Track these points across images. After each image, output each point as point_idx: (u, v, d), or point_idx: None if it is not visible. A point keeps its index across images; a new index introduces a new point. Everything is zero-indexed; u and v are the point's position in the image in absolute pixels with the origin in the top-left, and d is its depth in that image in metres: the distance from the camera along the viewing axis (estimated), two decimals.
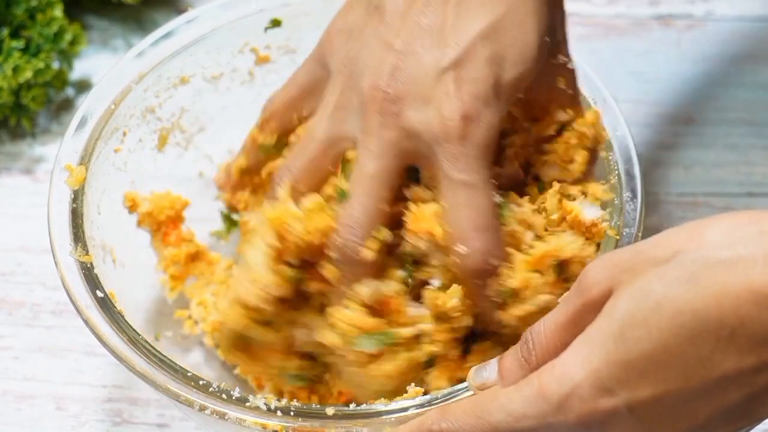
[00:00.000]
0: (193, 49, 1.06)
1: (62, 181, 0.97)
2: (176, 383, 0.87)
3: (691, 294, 0.69)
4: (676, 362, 0.70)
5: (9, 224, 1.18)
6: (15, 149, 1.24)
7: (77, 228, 0.95)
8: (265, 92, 1.11)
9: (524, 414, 0.74)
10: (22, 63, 1.19)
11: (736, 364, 0.69)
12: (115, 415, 1.05)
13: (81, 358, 1.08)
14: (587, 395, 0.72)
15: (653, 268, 0.71)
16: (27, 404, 1.06)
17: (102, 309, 0.91)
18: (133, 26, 1.33)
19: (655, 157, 1.21)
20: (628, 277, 0.72)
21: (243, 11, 1.07)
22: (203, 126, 1.11)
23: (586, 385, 0.72)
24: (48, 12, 1.22)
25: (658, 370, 0.70)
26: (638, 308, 0.70)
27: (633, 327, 0.70)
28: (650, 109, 1.25)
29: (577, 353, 0.73)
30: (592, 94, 1.00)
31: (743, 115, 1.24)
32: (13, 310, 1.12)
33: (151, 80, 1.04)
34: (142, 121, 1.05)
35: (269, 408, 0.85)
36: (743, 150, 1.22)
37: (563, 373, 0.73)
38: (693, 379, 0.70)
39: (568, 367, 0.73)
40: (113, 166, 1.03)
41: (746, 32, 1.31)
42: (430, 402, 0.85)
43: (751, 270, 0.67)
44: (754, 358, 0.68)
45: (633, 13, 1.33)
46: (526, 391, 0.74)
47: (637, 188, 0.95)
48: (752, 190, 1.19)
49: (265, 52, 1.10)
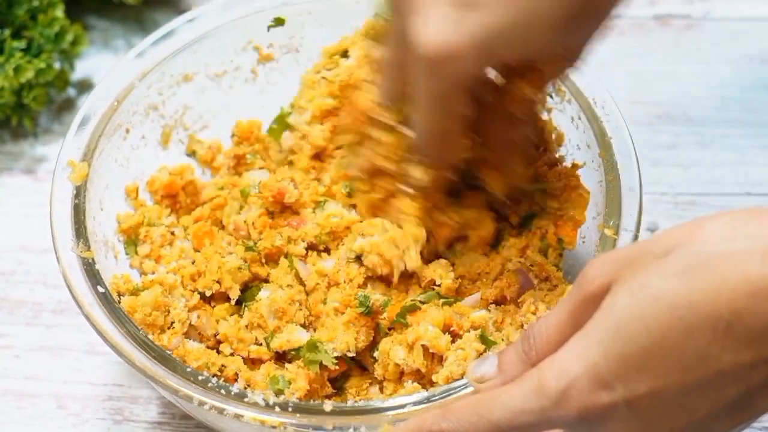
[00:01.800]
0: (196, 46, 1.07)
1: (65, 178, 0.97)
2: (175, 378, 0.87)
3: (688, 287, 0.69)
4: (673, 356, 0.69)
5: (10, 224, 1.18)
6: (16, 149, 1.24)
7: (79, 224, 0.95)
8: (268, 90, 1.12)
9: (523, 409, 0.74)
10: (23, 63, 1.19)
11: (733, 358, 0.69)
12: (116, 413, 1.05)
13: (82, 356, 1.09)
14: (585, 389, 0.72)
15: (652, 263, 0.71)
16: (28, 403, 1.06)
17: (103, 304, 0.91)
18: (134, 27, 1.34)
19: (654, 157, 1.21)
20: (627, 272, 0.72)
21: (246, 10, 1.08)
22: (206, 123, 1.11)
23: (585, 379, 0.72)
24: (49, 12, 1.23)
25: (657, 363, 0.70)
26: (636, 302, 0.70)
27: (631, 321, 0.70)
28: (649, 109, 1.25)
29: (575, 348, 0.73)
30: (591, 94, 1.01)
31: (742, 116, 1.25)
32: (14, 309, 1.12)
33: (155, 77, 1.05)
34: (146, 118, 1.06)
35: (268, 404, 0.85)
36: (742, 150, 1.22)
37: (561, 368, 0.73)
38: (691, 372, 0.70)
39: (566, 362, 0.73)
40: (116, 163, 1.03)
41: (744, 32, 1.31)
42: (428, 399, 0.86)
43: (748, 263, 0.68)
44: (752, 353, 0.68)
45: (632, 13, 1.33)
46: (526, 386, 0.74)
47: (635, 188, 0.96)
48: (750, 190, 1.19)
49: (268, 51, 1.11)
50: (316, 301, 0.99)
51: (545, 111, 1.04)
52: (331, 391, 0.96)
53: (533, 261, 0.99)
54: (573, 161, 1.01)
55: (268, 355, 0.97)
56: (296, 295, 0.98)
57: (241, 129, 1.09)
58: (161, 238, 1.02)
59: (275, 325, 0.97)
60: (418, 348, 0.92)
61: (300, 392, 0.93)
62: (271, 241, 1.00)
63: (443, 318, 0.93)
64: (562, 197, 0.99)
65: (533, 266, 0.99)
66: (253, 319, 0.97)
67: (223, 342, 0.98)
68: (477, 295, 0.97)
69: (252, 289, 1.01)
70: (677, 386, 0.70)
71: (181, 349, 0.95)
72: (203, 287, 0.99)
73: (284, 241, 1.01)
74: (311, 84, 1.05)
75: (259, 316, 0.97)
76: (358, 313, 0.96)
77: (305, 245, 1.01)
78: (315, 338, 0.95)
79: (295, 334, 0.96)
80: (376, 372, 0.96)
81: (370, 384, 0.97)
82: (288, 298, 0.97)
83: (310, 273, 1.00)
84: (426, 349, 0.92)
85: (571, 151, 1.03)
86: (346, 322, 0.96)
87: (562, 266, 1.00)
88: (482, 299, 0.97)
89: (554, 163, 1.01)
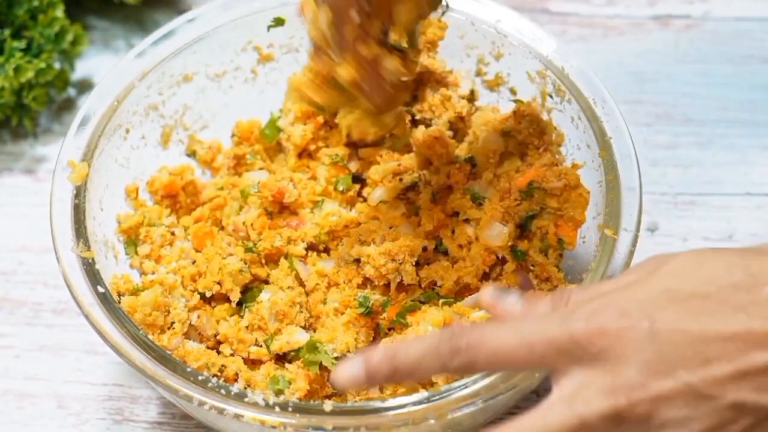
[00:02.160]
0: (196, 46, 1.07)
1: (65, 178, 0.97)
2: (175, 378, 0.87)
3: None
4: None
5: (10, 224, 1.18)
6: (17, 149, 1.24)
7: (79, 224, 0.95)
8: (268, 90, 1.12)
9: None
10: (23, 63, 1.19)
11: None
12: (116, 413, 1.05)
13: (82, 356, 1.09)
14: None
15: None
16: (28, 402, 1.06)
17: (103, 304, 0.91)
18: (134, 27, 1.34)
19: (654, 157, 1.21)
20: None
21: (246, 10, 1.08)
22: (206, 123, 1.11)
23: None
24: (49, 12, 1.23)
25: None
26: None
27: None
28: (649, 109, 1.25)
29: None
30: (591, 94, 1.01)
31: (741, 116, 1.25)
32: (14, 309, 1.12)
33: (155, 77, 1.05)
34: (146, 118, 1.06)
35: (268, 404, 0.85)
36: (741, 150, 1.22)
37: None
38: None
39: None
40: (116, 163, 1.03)
41: (744, 32, 1.31)
42: (428, 399, 0.86)
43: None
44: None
45: (631, 14, 1.33)
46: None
47: (635, 188, 0.96)
48: (750, 190, 1.19)
49: (268, 51, 1.11)
50: (316, 302, 0.99)
51: (545, 111, 1.04)
52: (331, 391, 0.96)
53: (534, 261, 0.99)
54: (573, 161, 1.01)
55: (268, 356, 0.97)
56: (297, 297, 0.98)
57: (241, 129, 1.09)
58: (161, 238, 1.02)
59: (276, 327, 0.97)
60: None
61: (300, 392, 0.93)
62: (270, 242, 1.00)
63: (443, 318, 0.94)
64: (562, 197, 0.99)
65: (534, 266, 0.99)
66: (254, 321, 0.97)
67: (223, 342, 0.98)
68: (476, 295, 0.97)
69: (253, 290, 1.01)
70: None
71: (181, 350, 0.96)
72: (203, 288, 0.99)
73: (284, 241, 1.01)
74: (296, 86, 1.06)
75: (260, 318, 0.97)
76: (357, 313, 0.96)
77: (305, 245, 1.01)
78: (315, 339, 0.95)
79: (294, 336, 0.96)
80: None
81: None
82: (289, 301, 0.97)
83: (310, 273, 1.00)
84: None
85: (571, 151, 1.03)
86: (346, 323, 0.96)
87: (562, 266, 1.00)
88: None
89: (554, 163, 1.01)
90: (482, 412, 0.89)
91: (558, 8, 1.34)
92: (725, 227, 1.16)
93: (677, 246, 1.14)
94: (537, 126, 1.02)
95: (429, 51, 1.06)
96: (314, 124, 1.07)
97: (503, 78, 1.09)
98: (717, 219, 1.16)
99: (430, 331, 0.91)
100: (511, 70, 1.08)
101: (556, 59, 1.03)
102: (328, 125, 1.08)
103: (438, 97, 1.06)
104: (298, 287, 0.99)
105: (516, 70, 1.07)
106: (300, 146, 1.06)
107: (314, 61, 0.95)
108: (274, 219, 1.03)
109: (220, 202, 1.06)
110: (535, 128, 1.02)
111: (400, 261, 0.97)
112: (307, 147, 1.07)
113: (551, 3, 1.34)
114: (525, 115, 1.03)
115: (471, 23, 1.07)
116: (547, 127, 1.03)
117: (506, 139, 1.03)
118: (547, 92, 1.04)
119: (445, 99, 1.06)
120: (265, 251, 1.01)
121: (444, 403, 0.85)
